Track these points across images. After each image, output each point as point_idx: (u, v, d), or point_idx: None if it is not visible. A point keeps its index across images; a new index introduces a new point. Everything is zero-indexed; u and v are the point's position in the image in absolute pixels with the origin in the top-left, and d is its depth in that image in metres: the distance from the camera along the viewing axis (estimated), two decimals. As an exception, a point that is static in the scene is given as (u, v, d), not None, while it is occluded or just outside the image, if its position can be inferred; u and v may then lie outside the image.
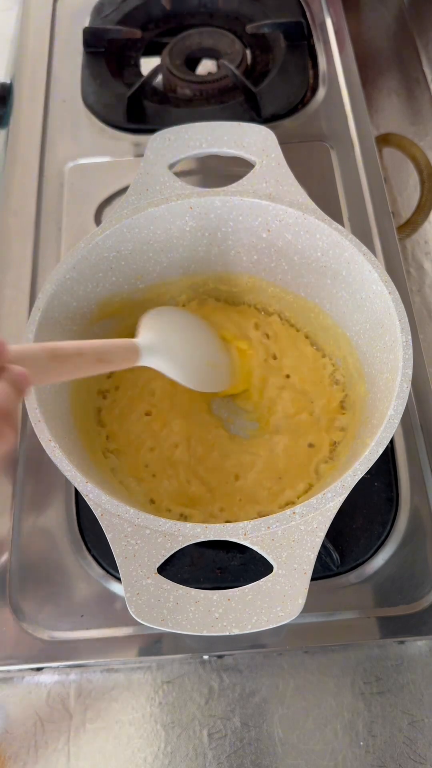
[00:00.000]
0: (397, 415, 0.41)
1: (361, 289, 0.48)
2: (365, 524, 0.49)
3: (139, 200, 0.49)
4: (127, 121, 0.70)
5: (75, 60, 0.75)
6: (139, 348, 0.44)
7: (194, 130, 0.52)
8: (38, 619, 0.48)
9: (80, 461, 0.43)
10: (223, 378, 0.52)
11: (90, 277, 0.49)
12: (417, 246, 0.71)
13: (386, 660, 0.47)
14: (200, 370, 0.50)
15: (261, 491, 0.50)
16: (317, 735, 0.46)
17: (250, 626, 0.36)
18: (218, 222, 0.51)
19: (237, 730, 0.46)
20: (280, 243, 0.51)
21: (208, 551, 0.48)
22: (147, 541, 0.38)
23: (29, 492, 0.52)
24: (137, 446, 0.52)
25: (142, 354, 0.44)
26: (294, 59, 0.73)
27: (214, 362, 0.52)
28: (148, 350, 0.44)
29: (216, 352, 0.53)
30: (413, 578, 0.48)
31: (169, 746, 0.46)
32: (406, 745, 0.45)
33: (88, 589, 0.48)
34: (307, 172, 0.63)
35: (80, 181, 0.67)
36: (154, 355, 0.45)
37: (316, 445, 0.51)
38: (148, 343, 0.45)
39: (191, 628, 0.36)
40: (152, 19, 0.79)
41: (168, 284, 0.55)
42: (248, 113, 0.70)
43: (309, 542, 0.38)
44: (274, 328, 0.56)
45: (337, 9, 0.79)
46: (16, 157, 0.69)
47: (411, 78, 0.82)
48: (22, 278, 0.61)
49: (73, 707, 0.47)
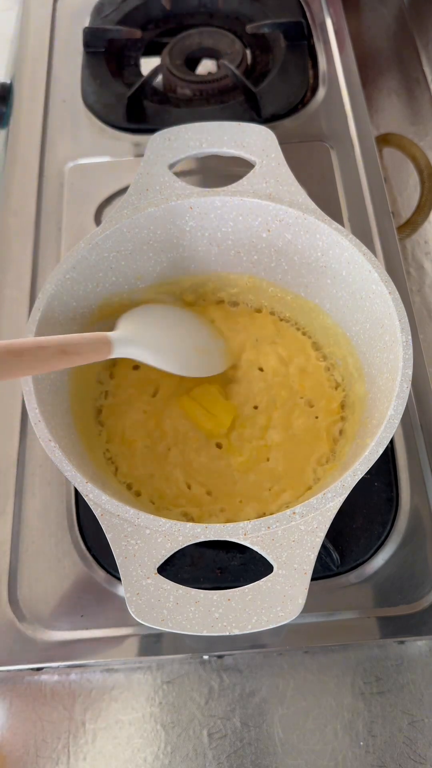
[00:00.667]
0: (397, 415, 0.41)
1: (361, 289, 0.48)
2: (365, 524, 0.49)
3: (139, 200, 0.49)
4: (127, 121, 0.70)
5: (75, 60, 0.75)
6: (111, 339, 0.43)
7: (194, 130, 0.52)
8: (38, 619, 0.48)
9: (80, 461, 0.43)
10: (215, 362, 0.51)
11: (90, 277, 0.49)
12: (417, 246, 0.71)
13: (386, 660, 0.47)
14: (187, 356, 0.49)
15: (261, 492, 0.50)
16: (317, 735, 0.46)
17: (250, 626, 0.36)
18: (218, 222, 0.51)
19: (237, 730, 0.46)
20: (280, 243, 0.51)
21: (208, 551, 0.48)
22: (147, 541, 0.38)
23: (29, 492, 0.52)
24: (136, 446, 0.52)
25: (114, 345, 0.43)
26: (294, 59, 0.73)
27: (204, 348, 0.51)
28: (121, 341, 0.44)
29: (206, 338, 0.52)
30: (413, 578, 0.48)
31: (169, 746, 0.46)
32: (406, 745, 0.45)
33: (88, 589, 0.48)
34: (307, 172, 0.63)
35: (80, 181, 0.67)
36: (128, 345, 0.44)
37: (316, 446, 0.51)
38: (122, 334, 0.44)
39: (191, 628, 0.36)
40: (152, 19, 0.79)
41: (168, 284, 0.55)
42: (248, 113, 0.70)
43: (309, 542, 0.38)
44: (277, 329, 0.56)
45: (337, 9, 0.79)
46: (16, 157, 0.69)
47: (411, 78, 0.82)
48: (22, 278, 0.61)
49: (73, 707, 0.47)
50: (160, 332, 0.48)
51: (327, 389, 0.53)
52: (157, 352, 0.46)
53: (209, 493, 0.50)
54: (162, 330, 0.49)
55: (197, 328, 0.52)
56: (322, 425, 0.52)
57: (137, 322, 0.47)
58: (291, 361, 0.55)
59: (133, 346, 0.45)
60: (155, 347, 0.46)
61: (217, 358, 0.52)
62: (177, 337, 0.50)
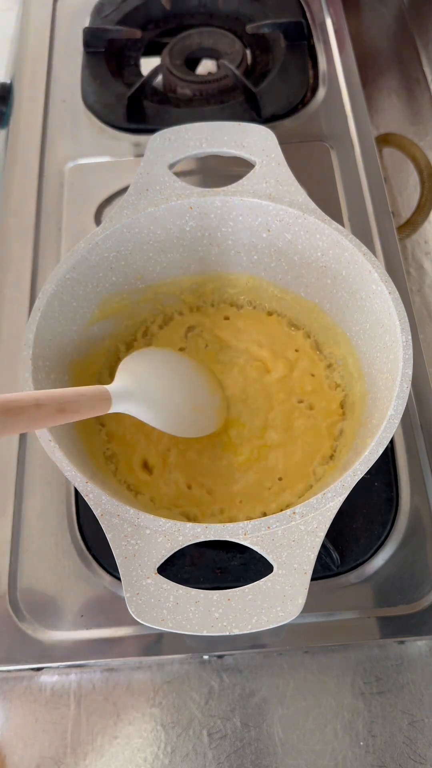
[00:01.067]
0: (397, 415, 0.41)
1: (361, 289, 0.48)
2: (365, 524, 0.49)
3: (139, 200, 0.49)
4: (127, 121, 0.70)
5: (75, 60, 0.75)
6: (110, 394, 0.41)
7: (194, 130, 0.52)
8: (38, 619, 0.48)
9: (80, 461, 0.43)
10: (209, 422, 0.50)
11: (90, 277, 0.49)
12: (417, 246, 0.71)
13: (386, 660, 0.47)
14: (182, 416, 0.47)
15: (261, 492, 0.50)
16: (317, 735, 0.46)
17: (250, 626, 0.36)
18: (218, 222, 0.51)
19: (237, 730, 0.46)
20: (280, 243, 0.51)
21: (208, 551, 0.48)
22: (147, 541, 0.38)
23: (29, 492, 0.52)
24: (135, 446, 0.52)
25: (113, 400, 0.41)
26: (294, 59, 0.73)
27: (200, 406, 0.49)
28: (120, 396, 0.42)
29: (204, 395, 0.50)
30: (413, 578, 0.48)
31: (169, 746, 0.46)
32: (406, 745, 0.45)
33: (88, 589, 0.48)
34: (307, 172, 0.63)
35: (80, 181, 0.67)
36: (128, 401, 0.42)
37: (316, 446, 0.51)
38: (122, 388, 0.42)
39: (191, 628, 0.36)
40: (152, 19, 0.79)
41: (168, 284, 0.55)
42: (248, 113, 0.70)
43: (309, 542, 0.38)
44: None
45: (337, 9, 0.79)
46: (16, 157, 0.69)
47: (411, 78, 0.82)
48: (22, 278, 0.61)
49: (73, 707, 0.47)
50: (160, 387, 0.46)
51: (327, 389, 0.53)
52: (155, 412, 0.44)
53: (209, 493, 0.50)
54: (163, 384, 0.47)
55: (198, 384, 0.50)
56: (322, 425, 0.52)
57: (138, 372, 0.45)
58: (291, 362, 0.55)
59: (132, 403, 0.43)
60: (153, 406, 0.44)
61: (211, 418, 0.50)
62: (177, 393, 0.48)
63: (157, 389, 0.46)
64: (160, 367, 0.49)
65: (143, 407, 0.44)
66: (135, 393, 0.43)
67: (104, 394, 0.41)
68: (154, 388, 0.46)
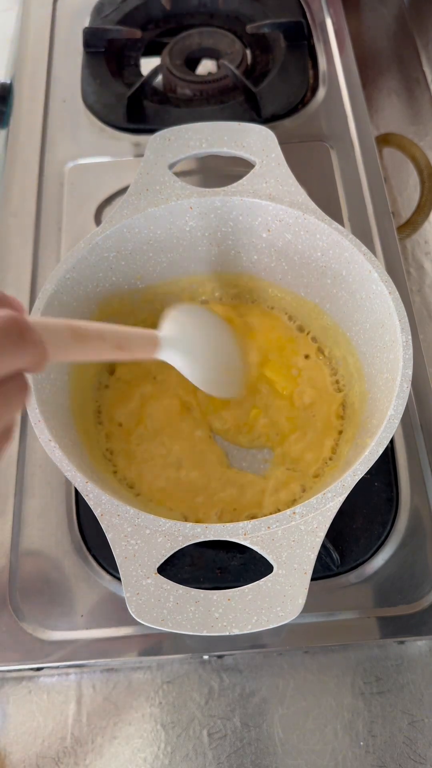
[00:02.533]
0: (398, 415, 0.41)
1: (361, 289, 0.48)
2: (365, 524, 0.49)
3: (139, 200, 0.49)
4: (127, 121, 0.70)
5: (75, 60, 0.75)
6: (160, 340, 0.42)
7: (194, 130, 0.52)
8: (38, 619, 0.47)
9: (80, 461, 0.43)
10: (235, 387, 0.51)
11: (90, 277, 0.49)
12: (417, 246, 0.71)
13: (386, 660, 0.47)
14: (218, 375, 0.48)
15: (261, 491, 0.50)
16: (317, 735, 0.46)
17: (250, 626, 0.36)
18: (218, 222, 0.51)
19: (237, 730, 0.46)
20: (280, 243, 0.51)
21: (208, 551, 0.48)
22: (147, 541, 0.38)
23: (29, 492, 0.52)
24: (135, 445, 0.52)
25: (162, 347, 0.42)
26: (294, 59, 0.73)
27: (232, 369, 0.50)
28: (168, 344, 0.43)
29: (236, 359, 0.51)
30: (413, 578, 0.48)
31: (169, 746, 0.46)
32: (406, 745, 0.45)
33: (88, 589, 0.48)
34: (307, 172, 0.63)
35: (80, 181, 0.67)
36: (173, 350, 0.43)
37: (316, 446, 0.51)
38: (170, 337, 0.43)
39: (191, 628, 0.36)
40: (152, 19, 0.79)
41: (168, 284, 0.55)
42: (248, 113, 0.70)
43: (309, 542, 0.38)
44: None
45: (337, 9, 0.79)
46: (16, 157, 0.69)
47: (411, 78, 0.82)
48: (22, 278, 0.61)
49: (73, 707, 0.47)
50: (202, 343, 0.47)
51: (327, 389, 0.53)
52: (194, 365, 0.45)
53: (209, 493, 0.50)
54: (204, 341, 0.48)
55: (233, 347, 0.51)
56: (322, 425, 0.52)
57: (184, 324, 0.46)
58: (291, 362, 0.55)
59: (176, 353, 0.43)
60: (194, 359, 0.45)
61: (238, 384, 0.51)
62: (215, 352, 0.49)
63: (198, 343, 0.46)
64: (203, 323, 0.49)
65: (186, 359, 0.44)
66: (179, 344, 0.44)
67: (155, 339, 0.42)
68: (196, 341, 0.46)
